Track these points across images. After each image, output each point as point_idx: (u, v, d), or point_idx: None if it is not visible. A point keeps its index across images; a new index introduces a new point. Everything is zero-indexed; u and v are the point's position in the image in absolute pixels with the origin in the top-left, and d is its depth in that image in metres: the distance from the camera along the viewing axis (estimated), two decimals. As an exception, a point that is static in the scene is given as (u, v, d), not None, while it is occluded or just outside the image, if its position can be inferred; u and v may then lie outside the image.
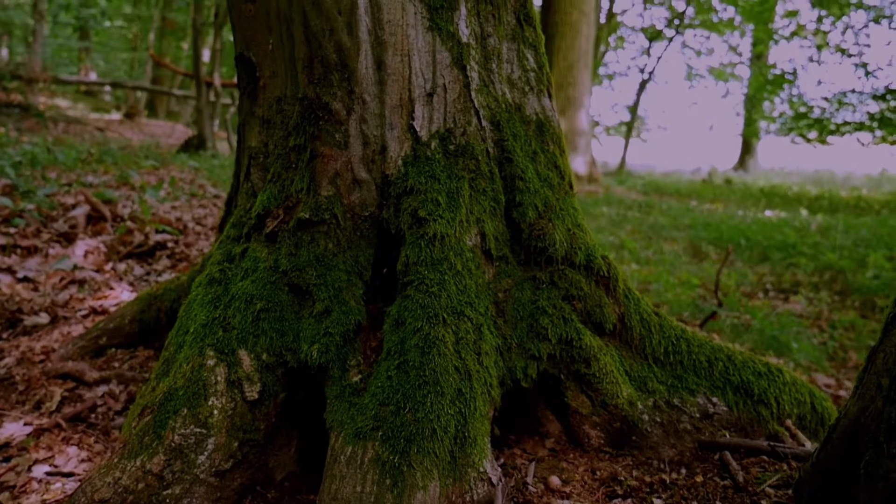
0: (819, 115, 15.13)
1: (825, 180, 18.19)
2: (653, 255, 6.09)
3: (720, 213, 9.76)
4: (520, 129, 1.44)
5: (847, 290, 5.02)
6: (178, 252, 3.14)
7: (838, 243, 6.70)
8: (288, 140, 1.37)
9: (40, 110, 13.92)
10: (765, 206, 11.27)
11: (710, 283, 5.07)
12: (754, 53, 18.54)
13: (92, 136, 12.68)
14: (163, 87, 17.48)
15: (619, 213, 9.21)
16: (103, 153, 7.61)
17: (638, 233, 7.61)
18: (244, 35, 1.45)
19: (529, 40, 1.48)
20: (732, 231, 7.45)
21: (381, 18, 1.31)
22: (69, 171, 5.83)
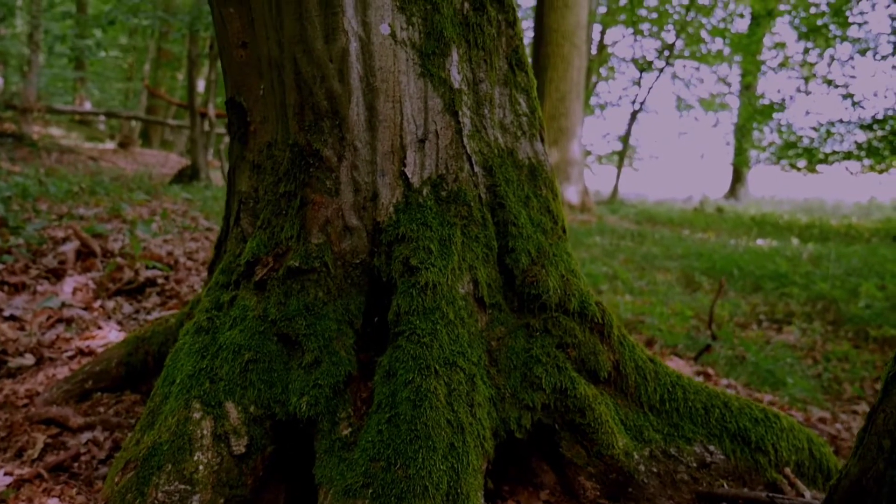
0: (808, 145, 15.30)
1: (815, 208, 18.35)
2: (646, 286, 6.09)
3: (712, 242, 9.80)
4: (512, 173, 1.43)
5: (840, 320, 5.02)
6: (167, 289, 3.11)
7: (830, 273, 6.72)
8: (278, 186, 1.36)
9: (34, 140, 13.92)
10: (756, 234, 11.33)
11: (704, 313, 5.07)
12: (743, 84, 18.83)
13: (85, 166, 12.66)
14: (157, 117, 17.56)
15: (612, 242, 9.23)
16: (95, 184, 7.59)
17: (631, 262, 7.62)
18: (235, 80, 1.45)
19: (521, 85, 1.48)
20: (725, 261, 7.47)
21: (372, 65, 1.31)
22: (60, 203, 5.81)
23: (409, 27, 1.34)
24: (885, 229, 12.24)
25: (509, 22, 1.48)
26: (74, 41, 14.15)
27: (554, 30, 12.13)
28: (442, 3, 1.37)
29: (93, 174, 10.89)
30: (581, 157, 12.86)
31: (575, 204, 12.57)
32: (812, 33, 14.35)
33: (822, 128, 15.05)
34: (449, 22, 1.38)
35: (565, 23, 12.12)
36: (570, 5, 12.11)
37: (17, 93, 17.03)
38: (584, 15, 12.63)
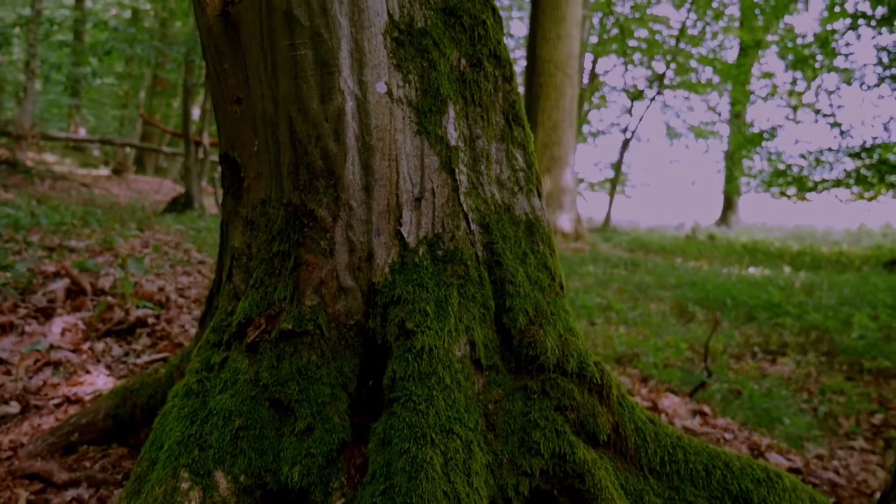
0: (797, 173, 15.44)
1: (806, 235, 18.46)
2: (640, 317, 6.07)
3: (705, 270, 9.81)
4: (509, 230, 1.42)
5: (833, 351, 5.01)
6: (158, 329, 3.07)
7: (823, 302, 6.73)
8: (272, 245, 1.34)
9: (28, 167, 13.89)
10: (748, 262, 11.36)
11: (698, 344, 5.06)
12: (733, 113, 19.05)
13: (79, 193, 12.62)
14: (152, 144, 17.58)
15: (606, 271, 9.23)
16: (88, 213, 7.56)
17: (624, 292, 7.61)
18: (229, 135, 1.44)
19: (518, 140, 1.48)
20: (718, 290, 7.47)
21: (368, 124, 1.30)
22: (52, 234, 5.77)
23: (406, 85, 1.34)
24: (875, 256, 12.31)
25: (506, 77, 1.48)
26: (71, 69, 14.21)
27: (546, 60, 12.28)
28: (439, 61, 1.37)
29: (86, 202, 10.85)
30: (574, 185, 12.93)
31: (568, 232, 12.60)
32: (799, 64, 14.57)
33: (811, 156, 15.21)
34: (446, 79, 1.38)
35: (557, 53, 12.27)
36: (563, 37, 12.26)
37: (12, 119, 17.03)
38: (575, 46, 12.78)
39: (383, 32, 1.32)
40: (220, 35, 1.37)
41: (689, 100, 20.35)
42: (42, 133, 16.18)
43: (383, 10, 1.32)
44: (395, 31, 1.33)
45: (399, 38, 1.34)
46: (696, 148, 25.38)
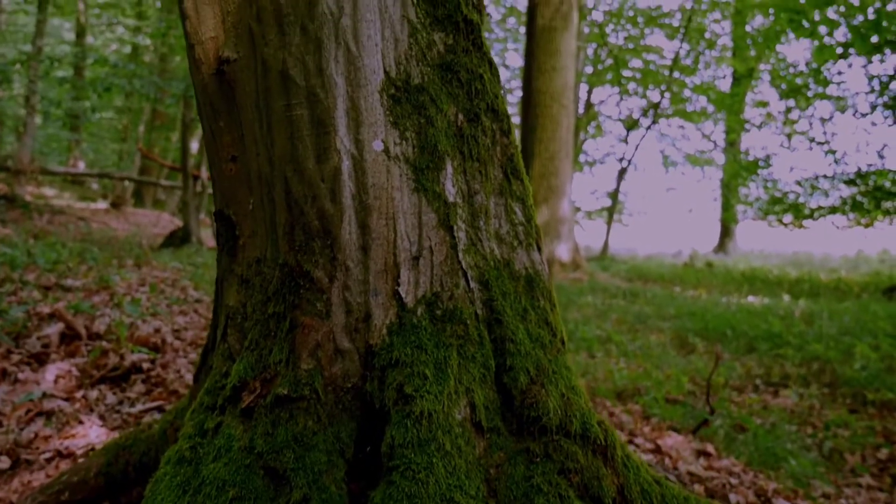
0: (793, 200, 15.50)
1: (804, 262, 18.47)
2: (639, 349, 6.03)
3: (704, 299, 9.79)
4: (509, 286, 1.40)
5: (836, 383, 4.97)
6: (153, 375, 3.03)
7: (824, 332, 6.69)
8: (267, 306, 1.31)
9: (26, 201, 13.91)
10: (747, 291, 11.34)
11: (699, 377, 5.02)
12: (727, 141, 19.20)
13: (76, 227, 12.62)
14: (150, 178, 17.65)
15: (605, 301, 9.21)
16: (84, 250, 7.53)
17: (624, 323, 7.58)
18: (224, 192, 1.42)
19: (517, 193, 1.46)
20: (718, 320, 7.44)
21: (365, 182, 1.29)
22: (49, 273, 5.74)
23: (403, 142, 1.33)
24: (874, 283, 12.31)
25: (504, 130, 1.47)
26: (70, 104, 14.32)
27: (542, 91, 12.39)
28: (436, 116, 1.36)
29: (83, 237, 10.84)
30: (571, 215, 12.96)
31: (566, 262, 12.60)
32: (792, 93, 14.72)
33: (807, 183, 15.29)
34: (443, 134, 1.37)
35: (553, 85, 12.39)
36: (558, 69, 12.40)
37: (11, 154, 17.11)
38: (571, 77, 12.92)
39: (380, 90, 1.31)
40: (216, 93, 1.36)
41: (683, 128, 20.53)
42: (41, 168, 16.24)
43: (380, 67, 1.31)
44: (392, 88, 1.33)
45: (396, 95, 1.33)
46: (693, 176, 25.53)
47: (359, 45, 1.28)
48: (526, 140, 12.47)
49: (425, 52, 1.37)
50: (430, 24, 1.39)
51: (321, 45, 1.25)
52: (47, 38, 19.13)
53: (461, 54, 1.42)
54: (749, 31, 16.47)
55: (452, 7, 1.42)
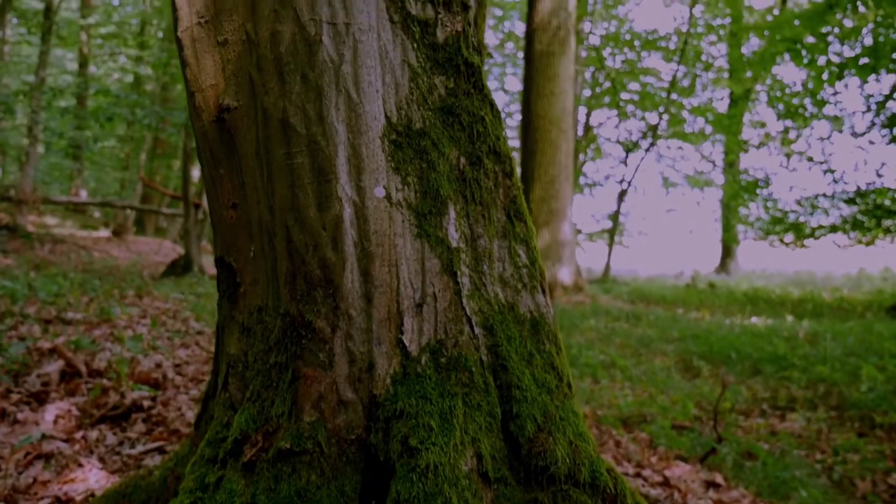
0: (794, 220, 15.50)
1: (806, 281, 18.42)
2: (644, 374, 5.98)
3: (707, 321, 9.75)
4: (514, 330, 1.38)
5: (843, 406, 4.92)
6: (154, 414, 2.99)
7: (828, 353, 6.65)
8: (269, 356, 1.29)
9: (28, 231, 13.94)
10: (750, 312, 11.30)
11: (705, 402, 4.98)
12: (726, 162, 19.25)
13: (78, 257, 12.63)
14: (152, 206, 17.70)
15: (607, 325, 9.17)
16: (86, 281, 7.52)
17: (627, 347, 7.54)
18: (225, 239, 1.41)
19: (520, 236, 1.45)
20: (722, 343, 7.41)
21: (367, 230, 1.28)
22: (50, 306, 5.72)
23: (405, 187, 1.32)
24: (877, 302, 12.26)
25: (506, 172, 1.47)
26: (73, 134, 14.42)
27: (541, 116, 12.47)
28: (438, 161, 1.35)
29: (85, 266, 10.84)
30: (572, 237, 12.96)
31: (568, 285, 12.57)
32: (790, 114, 14.79)
33: (807, 202, 15.30)
34: (445, 179, 1.36)
35: (552, 109, 12.47)
36: (556, 93, 12.49)
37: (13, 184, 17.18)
38: (569, 101, 13.01)
39: (381, 136, 1.30)
40: (216, 140, 1.35)
41: (682, 150, 20.61)
42: (43, 197, 16.31)
43: (381, 113, 1.31)
44: (393, 133, 1.32)
45: (397, 140, 1.32)
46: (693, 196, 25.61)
47: (360, 91, 1.28)
48: (526, 164, 12.52)
49: (426, 97, 1.36)
50: (431, 68, 1.39)
51: (322, 93, 1.25)
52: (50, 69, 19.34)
53: (462, 97, 1.42)
54: (745, 54, 16.62)
55: (453, 50, 1.42)
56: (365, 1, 1.31)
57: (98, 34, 21.09)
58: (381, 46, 1.32)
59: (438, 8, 1.42)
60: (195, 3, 1.33)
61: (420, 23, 1.39)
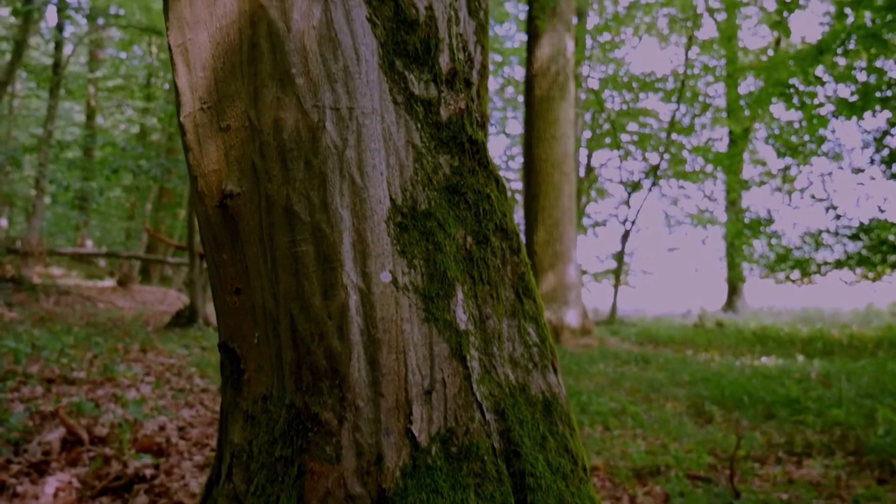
0: (799, 256, 15.45)
1: (814, 318, 18.27)
2: (656, 420, 5.88)
3: (717, 362, 9.64)
4: (526, 413, 1.33)
5: (861, 451, 4.81)
6: (157, 485, 2.92)
7: (843, 395, 6.54)
8: (274, 448, 1.25)
9: (33, 283, 13.98)
10: (760, 352, 11.18)
11: (719, 449, 4.88)
12: (728, 200, 19.30)
13: (83, 308, 12.63)
14: (157, 256, 17.76)
15: (616, 369, 9.07)
16: (90, 336, 7.48)
17: (637, 392, 7.43)
18: (228, 325, 1.38)
19: (530, 314, 1.42)
20: (733, 386, 7.31)
21: (374, 316, 1.25)
22: (53, 364, 5.68)
23: (411, 270, 1.29)
24: (888, 338, 12.12)
25: (513, 249, 1.44)
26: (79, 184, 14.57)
27: (543, 159, 12.57)
28: (444, 242, 1.33)
29: (89, 319, 10.81)
30: (578, 280, 12.92)
31: (575, 328, 12.48)
32: (789, 152, 14.88)
33: (811, 238, 15.28)
34: (452, 260, 1.33)
35: (553, 153, 12.57)
36: (558, 136, 12.61)
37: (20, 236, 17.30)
38: (570, 144, 13.13)
39: (386, 219, 1.29)
40: (219, 225, 1.34)
41: (683, 188, 20.69)
42: (49, 249, 16.39)
43: (385, 196, 1.30)
44: (399, 215, 1.31)
45: (402, 222, 1.31)
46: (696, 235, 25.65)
47: (364, 175, 1.27)
48: (529, 207, 12.57)
49: (431, 177, 1.35)
50: (435, 148, 1.38)
51: (325, 180, 1.23)
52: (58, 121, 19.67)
53: (467, 175, 1.40)
54: (742, 94, 16.82)
55: (457, 128, 1.42)
56: (368, 84, 1.31)
57: (105, 87, 21.51)
58: (385, 128, 1.32)
59: (441, 87, 1.42)
60: (198, 89, 1.33)
61: (423, 102, 1.39)
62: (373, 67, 1.33)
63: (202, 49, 1.32)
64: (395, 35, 1.39)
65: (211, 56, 1.31)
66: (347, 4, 1.33)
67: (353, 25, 1.32)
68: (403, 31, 1.40)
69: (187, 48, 1.34)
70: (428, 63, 1.42)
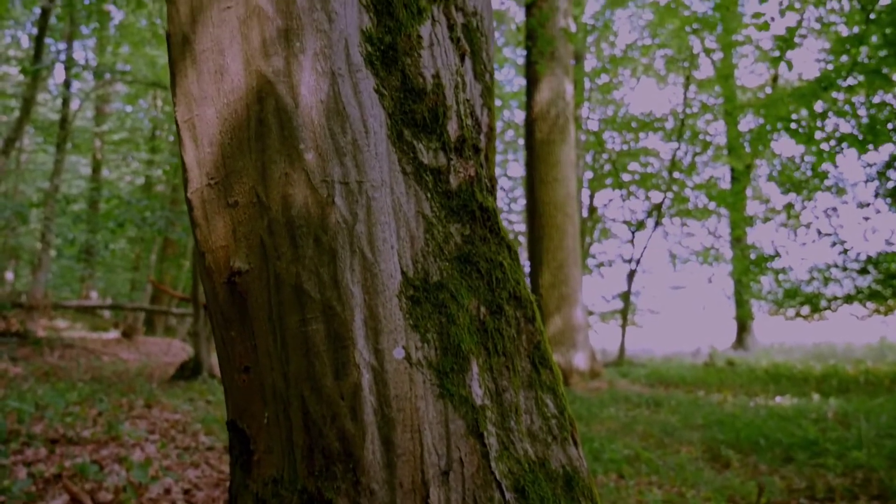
0: (808, 292, 15.34)
1: (827, 354, 18.05)
2: (671, 467, 5.74)
3: (730, 403, 9.49)
4: (546, 489, 1.28)
5: (885, 494, 4.68)
6: (162, 556, 2.84)
7: (863, 435, 6.40)
8: (286, 537, 1.20)
9: (38, 337, 13.96)
10: (774, 391, 11.01)
11: (737, 496, 4.76)
12: (733, 237, 19.27)
13: (87, 362, 12.56)
14: (161, 307, 17.73)
15: (628, 413, 8.93)
16: (94, 393, 7.41)
17: (650, 437, 7.30)
18: (237, 403, 1.34)
19: (547, 384, 1.38)
20: (749, 428, 7.18)
21: (387, 395, 1.21)
22: (58, 423, 5.61)
23: (425, 345, 1.26)
24: (903, 373, 11.97)
25: (528, 317, 1.41)
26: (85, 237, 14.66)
27: (546, 202, 12.60)
28: (457, 313, 1.30)
29: (94, 373, 10.74)
30: (585, 322, 12.81)
31: (584, 371, 12.34)
32: (792, 188, 14.90)
33: (819, 273, 15.18)
34: (466, 332, 1.30)
35: (556, 195, 12.61)
36: (559, 179, 12.67)
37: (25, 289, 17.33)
38: (572, 186, 13.17)
39: (398, 294, 1.26)
40: (227, 302, 1.31)
41: (687, 226, 20.69)
42: (54, 302, 16.39)
43: (397, 270, 1.27)
44: (411, 289, 1.28)
45: (415, 295, 1.28)
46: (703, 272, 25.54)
47: (374, 250, 1.24)
48: (533, 250, 12.55)
49: (442, 247, 1.33)
50: (446, 217, 1.36)
51: (336, 256, 1.21)
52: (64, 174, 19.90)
53: (479, 243, 1.38)
54: (742, 131, 16.95)
55: (467, 196, 1.40)
56: (377, 156, 1.29)
57: (111, 140, 21.82)
58: (395, 200, 1.30)
59: (450, 154, 1.41)
60: (205, 165, 1.31)
61: (433, 171, 1.38)
62: (381, 139, 1.32)
63: (209, 124, 1.31)
64: (403, 105, 1.39)
65: (218, 131, 1.30)
66: (355, 77, 1.32)
67: (361, 97, 1.31)
68: (411, 101, 1.39)
69: (194, 124, 1.33)
70: (436, 131, 1.41)
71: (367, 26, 1.39)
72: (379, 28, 1.41)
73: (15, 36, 20.36)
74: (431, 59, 1.47)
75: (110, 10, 15.70)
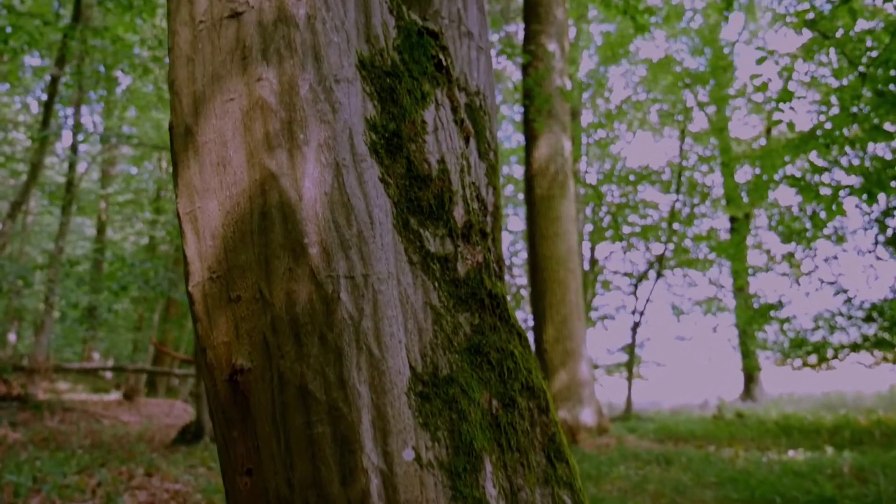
0: (815, 341, 15.17)
1: (837, 403, 17.75)
2: (688, 532, 5.55)
3: (742, 458, 9.26)
4: None
5: (906, 551, 4.51)
6: None
7: (882, 492, 6.22)
8: None
9: (39, 401, 13.79)
10: (786, 444, 10.78)
11: (759, 562, 4.57)
12: (735, 287, 19.18)
13: (88, 426, 12.36)
14: (163, 368, 17.56)
15: (638, 471, 8.70)
16: (93, 461, 7.25)
17: (662, 496, 7.09)
18: (239, 508, 1.28)
19: (563, 479, 1.31)
20: (763, 486, 7.00)
21: (397, 500, 1.15)
22: (55, 496, 5.46)
23: (436, 444, 1.20)
24: (917, 422, 11.75)
25: (541, 408, 1.36)
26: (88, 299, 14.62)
27: (548, 257, 12.59)
28: (468, 409, 1.25)
29: (94, 436, 10.55)
30: (590, 376, 12.63)
31: (591, 426, 12.09)
32: (792, 237, 14.91)
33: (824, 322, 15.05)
34: (478, 428, 1.25)
35: (557, 250, 12.61)
36: (560, 233, 12.69)
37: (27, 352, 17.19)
38: (574, 240, 13.18)
39: (406, 391, 1.21)
40: (229, 401, 1.26)
41: (688, 277, 20.62)
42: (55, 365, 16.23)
43: (405, 366, 1.23)
44: (419, 384, 1.23)
45: (424, 391, 1.23)
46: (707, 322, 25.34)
47: (381, 346, 1.20)
48: (536, 305, 12.47)
49: (451, 338, 1.29)
50: (454, 306, 1.32)
51: (342, 354, 1.17)
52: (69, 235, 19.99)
53: (489, 333, 1.34)
54: (739, 181, 17.08)
55: (475, 284, 1.37)
56: (383, 247, 1.27)
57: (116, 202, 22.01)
58: (402, 291, 1.27)
59: (458, 241, 1.38)
60: (207, 258, 1.29)
61: (440, 259, 1.35)
62: (387, 229, 1.29)
63: (211, 217, 1.29)
64: (408, 192, 1.37)
65: (220, 225, 1.28)
66: (360, 167, 1.31)
67: (366, 188, 1.30)
68: (416, 188, 1.38)
69: (196, 216, 1.31)
70: (443, 218, 1.39)
71: (372, 114, 1.39)
72: (383, 115, 1.41)
73: (24, 102, 20.80)
74: (436, 143, 1.47)
75: (118, 76, 16.07)
